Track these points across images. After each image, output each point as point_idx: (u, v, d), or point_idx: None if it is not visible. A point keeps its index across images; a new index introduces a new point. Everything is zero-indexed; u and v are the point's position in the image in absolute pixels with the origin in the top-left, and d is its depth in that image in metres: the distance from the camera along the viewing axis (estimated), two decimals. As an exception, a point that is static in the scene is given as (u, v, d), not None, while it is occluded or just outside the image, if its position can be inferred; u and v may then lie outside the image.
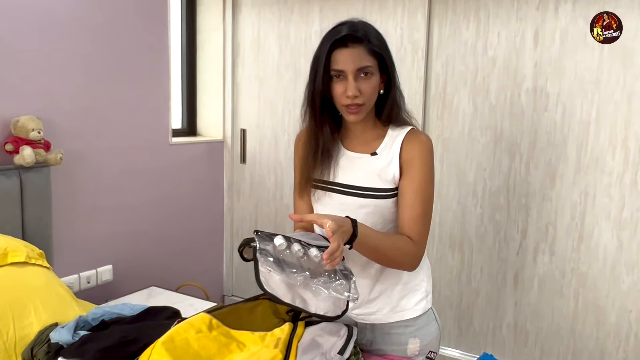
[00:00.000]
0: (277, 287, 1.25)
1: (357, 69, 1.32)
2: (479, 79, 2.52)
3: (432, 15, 2.59)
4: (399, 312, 1.45)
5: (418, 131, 1.43)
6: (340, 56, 1.33)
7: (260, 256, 1.19)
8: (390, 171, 1.39)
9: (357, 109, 1.34)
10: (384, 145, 1.41)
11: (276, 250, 1.19)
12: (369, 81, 1.34)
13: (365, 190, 1.39)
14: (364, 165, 1.41)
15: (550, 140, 2.40)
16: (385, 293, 1.45)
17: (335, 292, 1.17)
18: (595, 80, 2.29)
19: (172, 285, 2.88)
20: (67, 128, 2.37)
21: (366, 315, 1.48)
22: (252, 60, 3.11)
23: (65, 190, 2.38)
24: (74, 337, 1.49)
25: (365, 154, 1.42)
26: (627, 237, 2.30)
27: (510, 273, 2.56)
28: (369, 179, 1.40)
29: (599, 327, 2.39)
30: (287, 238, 1.20)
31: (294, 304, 1.26)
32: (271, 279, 1.24)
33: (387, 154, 1.40)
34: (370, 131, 1.43)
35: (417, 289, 1.47)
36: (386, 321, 1.46)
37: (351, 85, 1.32)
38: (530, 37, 2.39)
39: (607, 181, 2.31)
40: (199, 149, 3.11)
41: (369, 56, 1.34)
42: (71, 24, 2.34)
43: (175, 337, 1.31)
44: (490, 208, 2.57)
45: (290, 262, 1.20)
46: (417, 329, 1.46)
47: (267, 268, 1.19)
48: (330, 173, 1.43)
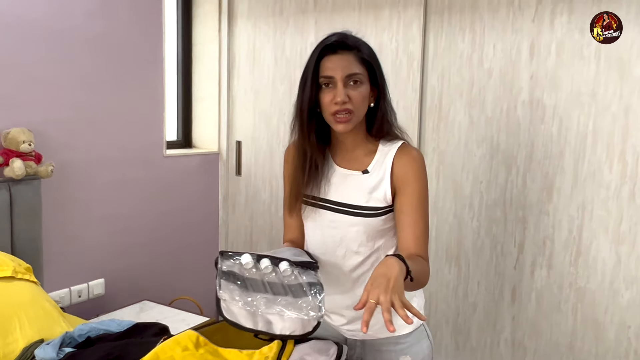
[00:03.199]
0: (239, 311, 1.20)
1: (346, 76, 1.30)
2: (475, 91, 2.50)
3: (428, 27, 2.58)
4: None
5: (409, 146, 1.40)
6: (330, 63, 1.31)
7: (222, 280, 1.16)
8: (382, 189, 1.36)
9: (346, 117, 1.31)
10: (375, 161, 1.39)
11: (242, 268, 1.16)
12: (359, 89, 1.31)
13: (356, 208, 1.37)
14: (356, 183, 1.38)
15: (547, 153, 2.38)
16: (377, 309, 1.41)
17: (299, 311, 1.12)
18: (592, 92, 2.27)
19: (165, 299, 2.84)
20: (59, 140, 2.34)
21: (357, 332, 1.45)
22: (247, 72, 3.10)
23: (57, 203, 2.35)
24: (59, 355, 1.46)
25: (357, 171, 1.39)
26: (626, 251, 2.27)
27: (507, 287, 2.52)
28: (360, 198, 1.37)
29: (598, 343, 2.35)
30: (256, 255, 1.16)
31: (256, 328, 1.21)
32: (233, 304, 1.19)
33: (378, 172, 1.37)
34: (361, 146, 1.41)
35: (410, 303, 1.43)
36: (376, 337, 1.43)
37: (340, 91, 1.29)
38: (526, 49, 2.38)
39: (604, 194, 2.29)
40: (194, 161, 3.08)
41: (359, 64, 1.32)
42: (64, 34, 2.33)
43: (160, 356, 1.28)
44: (487, 221, 2.54)
45: (256, 284, 1.15)
46: (409, 346, 1.43)
47: (227, 296, 1.15)
48: (320, 189, 1.40)
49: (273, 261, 1.19)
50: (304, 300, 1.13)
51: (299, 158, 1.40)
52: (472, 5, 2.46)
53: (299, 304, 1.13)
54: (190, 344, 1.33)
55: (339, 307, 1.44)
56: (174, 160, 2.94)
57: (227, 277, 1.17)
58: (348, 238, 1.37)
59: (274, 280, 1.16)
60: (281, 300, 1.13)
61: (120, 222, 2.66)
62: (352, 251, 1.37)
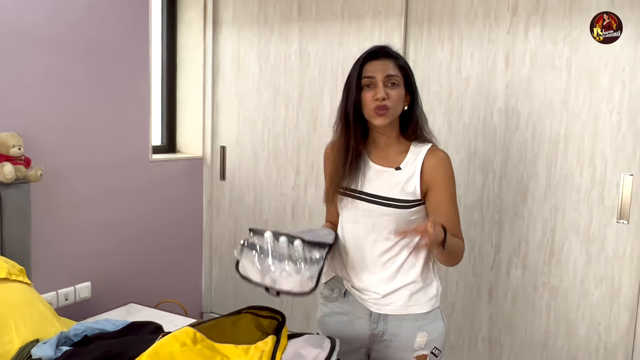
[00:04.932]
0: (251, 271, 1.40)
1: (385, 76, 1.51)
2: (453, 99, 2.60)
3: (408, 37, 2.67)
4: (411, 305, 1.58)
5: (437, 148, 1.60)
6: (371, 66, 1.54)
7: (244, 248, 1.41)
8: (412, 184, 1.55)
9: (384, 111, 1.50)
10: (407, 160, 1.57)
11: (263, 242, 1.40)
12: (396, 90, 1.52)
13: (388, 200, 1.54)
14: (389, 178, 1.56)
15: (521, 158, 2.49)
16: (401, 289, 1.58)
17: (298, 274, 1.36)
18: (563, 100, 2.39)
19: (151, 302, 2.87)
20: (47, 144, 2.37)
21: (382, 306, 1.60)
22: (232, 78, 3.16)
23: (45, 207, 2.37)
24: (56, 353, 1.50)
25: (390, 167, 1.58)
26: (595, 251, 2.39)
27: (484, 287, 2.63)
28: (392, 191, 1.55)
29: (570, 339, 2.47)
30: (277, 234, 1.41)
31: (263, 282, 1.39)
32: (247, 265, 1.42)
33: (409, 169, 1.56)
34: (395, 146, 1.60)
35: (430, 287, 1.62)
36: (399, 313, 1.58)
37: (380, 89, 1.50)
38: (501, 59, 2.49)
39: (575, 197, 2.41)
40: (179, 166, 3.13)
41: (397, 69, 1.54)
42: (51, 40, 2.36)
43: (160, 351, 1.33)
44: (465, 224, 2.62)
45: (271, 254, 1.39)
46: (426, 324, 1.60)
47: (244, 259, 1.41)
48: (357, 183, 1.58)
49: (290, 239, 1.40)
50: (306, 269, 1.38)
51: (342, 154, 1.58)
52: (451, 16, 2.57)
53: (302, 271, 1.37)
54: (188, 339, 1.38)
55: (367, 285, 1.60)
56: (159, 165, 2.98)
57: (249, 246, 1.41)
58: (379, 226, 1.56)
59: (287, 252, 1.38)
60: (287, 266, 1.37)
61: (107, 225, 2.69)
62: (383, 237, 1.56)
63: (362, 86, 1.53)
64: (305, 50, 2.92)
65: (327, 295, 1.70)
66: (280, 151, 3.06)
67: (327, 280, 1.71)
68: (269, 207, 3.13)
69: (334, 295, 1.67)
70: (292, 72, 2.98)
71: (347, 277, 1.64)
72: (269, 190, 3.11)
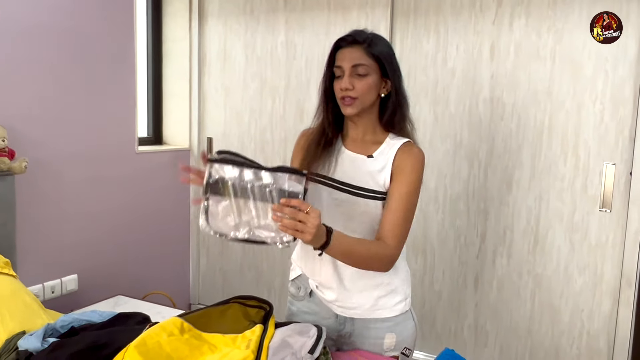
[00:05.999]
0: (223, 224, 1.32)
1: (352, 66, 1.46)
2: (439, 90, 2.62)
3: (395, 29, 2.68)
4: (377, 310, 1.54)
5: (413, 144, 1.54)
6: (340, 54, 1.50)
7: (210, 194, 1.29)
8: (382, 176, 1.49)
9: (350, 101, 1.47)
10: (380, 150, 1.52)
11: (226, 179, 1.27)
12: (364, 79, 1.46)
13: (357, 189, 1.49)
14: (360, 166, 1.52)
15: (506, 148, 2.52)
16: (367, 290, 1.54)
17: (272, 231, 1.25)
18: (548, 90, 2.42)
19: (138, 293, 2.86)
20: (31, 136, 2.35)
21: (347, 309, 1.55)
22: (218, 69, 3.15)
23: (30, 199, 2.36)
24: (43, 344, 1.49)
25: (363, 155, 1.53)
26: (579, 239, 2.42)
27: (470, 276, 2.66)
28: (362, 179, 1.50)
29: (554, 325, 2.51)
30: (240, 169, 1.25)
31: (238, 236, 1.31)
32: (216, 216, 1.33)
33: (382, 160, 1.51)
34: (370, 134, 1.55)
35: (396, 291, 1.56)
36: (365, 317, 1.55)
37: (345, 80, 1.46)
38: (487, 50, 2.51)
39: (559, 186, 2.44)
40: (165, 158, 3.11)
41: (367, 57, 1.47)
42: (35, 30, 2.33)
43: (147, 341, 1.33)
44: (451, 214, 2.66)
45: (240, 194, 1.26)
46: (394, 325, 1.55)
47: (213, 207, 1.29)
48: (329, 168, 1.53)
49: (256, 173, 1.25)
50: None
51: (317, 134, 1.57)
52: (437, 7, 2.58)
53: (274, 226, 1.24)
54: (176, 329, 1.38)
55: (329, 281, 1.54)
56: (145, 157, 2.97)
57: (213, 188, 1.29)
58: (347, 215, 1.50)
59: (257, 191, 1.25)
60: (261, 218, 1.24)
61: (93, 218, 2.67)
62: (350, 229, 1.44)
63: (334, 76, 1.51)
64: (292, 41, 2.91)
65: (294, 293, 1.66)
66: (267, 143, 3.06)
67: (294, 277, 1.66)
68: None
69: (301, 294, 1.63)
70: (278, 63, 2.97)
71: (310, 274, 1.60)
72: (256, 181, 3.10)
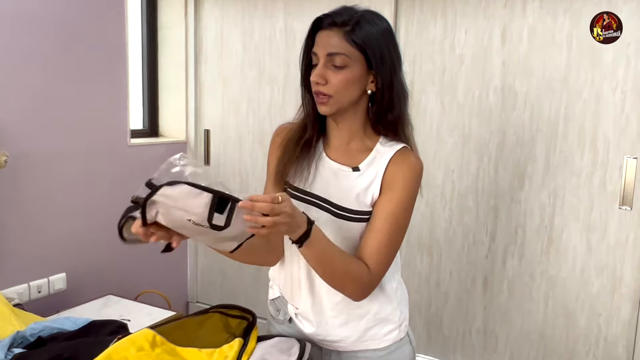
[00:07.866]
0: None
1: (327, 54, 1.16)
2: (447, 78, 2.46)
3: (399, 14, 2.52)
4: (365, 341, 1.30)
5: (409, 151, 1.25)
6: (318, 38, 1.19)
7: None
8: (370, 193, 1.23)
9: (324, 99, 1.18)
10: (368, 161, 1.24)
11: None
12: (341, 72, 1.16)
13: (340, 209, 1.23)
14: (342, 181, 1.25)
15: (518, 140, 2.36)
16: (352, 322, 1.30)
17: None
18: (564, 78, 2.25)
19: (131, 293, 2.75)
20: (14, 129, 2.23)
21: (330, 343, 1.32)
22: (215, 58, 3.01)
23: (13, 195, 2.24)
24: (7, 356, 1.38)
25: (347, 167, 1.25)
26: (596, 239, 2.26)
27: (479, 277, 2.50)
28: (346, 198, 1.23)
29: (569, 330, 2.35)
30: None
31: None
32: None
33: (370, 172, 1.23)
34: (357, 140, 1.26)
35: (388, 319, 1.31)
36: (352, 349, 1.32)
37: (317, 71, 1.17)
38: (498, 35, 2.34)
39: (575, 182, 2.27)
40: (160, 150, 2.99)
41: (346, 44, 1.16)
42: (20, 18, 2.21)
43: (113, 356, 1.21)
44: (459, 210, 2.51)
45: None
46: (387, 354, 1.31)
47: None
48: (307, 176, 1.26)
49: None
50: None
51: (298, 130, 1.28)
52: (444, -11, 2.42)
53: None
54: (146, 343, 1.26)
55: (307, 312, 1.31)
56: (139, 150, 2.84)
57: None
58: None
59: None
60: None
61: (83, 214, 2.56)
62: None
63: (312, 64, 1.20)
64: (291, 28, 2.77)
65: (273, 315, 1.41)
66: (266, 134, 2.92)
67: (273, 298, 1.41)
68: (255, 193, 3.00)
69: (280, 317, 1.38)
70: (277, 50, 2.82)
71: (289, 297, 1.35)
72: (255, 176, 2.98)
